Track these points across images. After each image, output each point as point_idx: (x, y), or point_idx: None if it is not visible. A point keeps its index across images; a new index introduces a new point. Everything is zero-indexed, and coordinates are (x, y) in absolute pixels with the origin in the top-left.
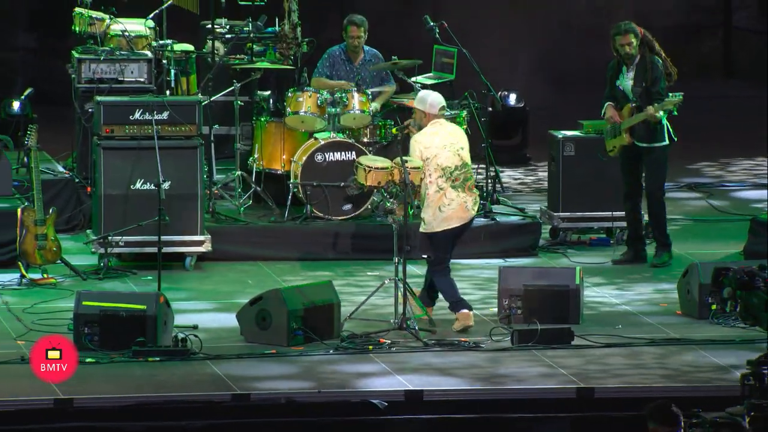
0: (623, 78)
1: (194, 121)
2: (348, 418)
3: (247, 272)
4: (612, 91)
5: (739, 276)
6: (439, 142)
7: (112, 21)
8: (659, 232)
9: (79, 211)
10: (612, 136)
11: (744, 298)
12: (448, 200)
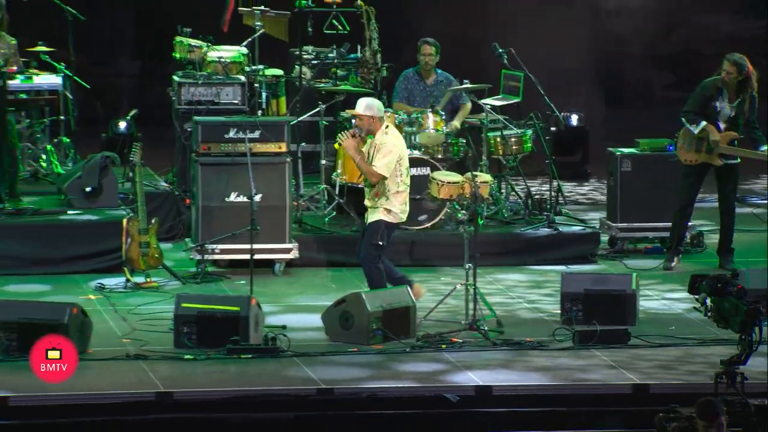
0: (722, 101)
1: (283, 139)
2: (423, 411)
3: (330, 277)
4: (704, 109)
5: (712, 283)
6: (402, 144)
7: (210, 48)
8: (730, 240)
9: (179, 221)
10: (699, 150)
11: (717, 303)
12: (406, 197)
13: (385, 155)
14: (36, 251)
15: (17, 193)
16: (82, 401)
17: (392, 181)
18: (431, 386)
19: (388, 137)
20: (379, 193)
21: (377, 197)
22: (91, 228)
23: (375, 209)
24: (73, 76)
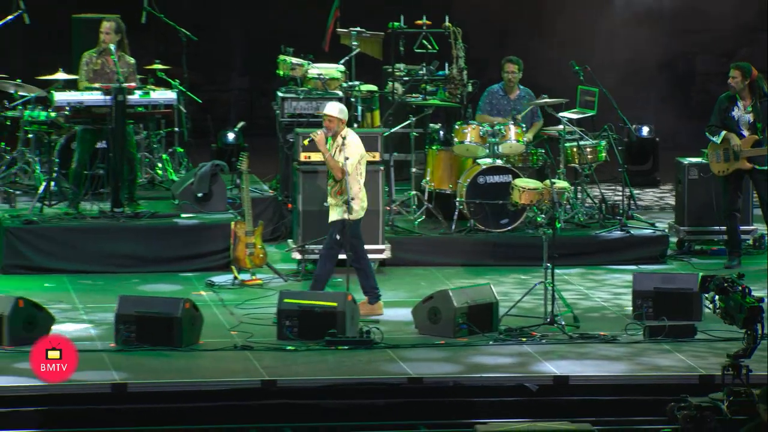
0: (737, 110)
1: (377, 149)
2: (505, 399)
3: (420, 275)
4: (723, 120)
5: (719, 283)
6: (362, 146)
7: (310, 66)
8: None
9: (282, 224)
10: (727, 159)
11: (724, 301)
12: (365, 195)
13: (349, 155)
14: (152, 251)
15: (136, 198)
16: (194, 388)
17: (354, 181)
18: (512, 376)
19: (351, 138)
20: (341, 192)
21: (339, 195)
22: (202, 230)
23: (337, 207)
24: (186, 91)
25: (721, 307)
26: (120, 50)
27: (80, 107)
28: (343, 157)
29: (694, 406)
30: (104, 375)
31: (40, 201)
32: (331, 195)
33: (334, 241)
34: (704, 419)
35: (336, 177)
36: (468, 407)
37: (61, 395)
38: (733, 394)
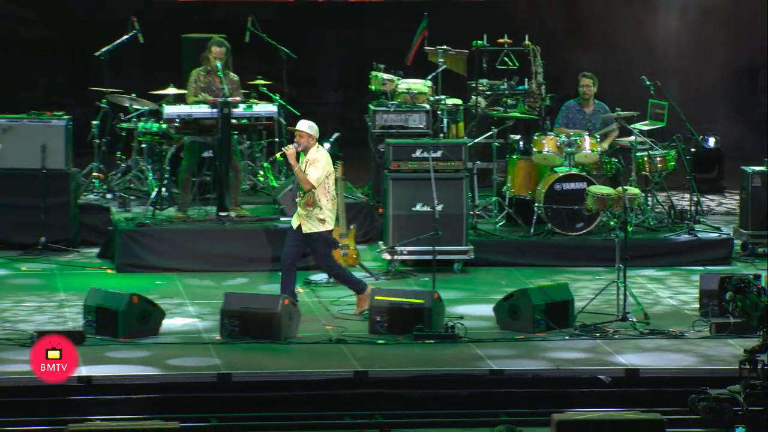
0: None
1: (461, 158)
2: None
3: (501, 275)
4: None
5: (736, 283)
6: (330, 162)
7: (400, 81)
8: None
9: (373, 227)
10: None
11: (740, 300)
12: (334, 205)
13: (317, 169)
14: (254, 251)
15: (239, 203)
16: (292, 378)
17: (324, 195)
18: (586, 368)
19: (320, 154)
20: (310, 203)
21: (310, 207)
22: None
23: (310, 219)
24: (286, 105)
25: (738, 306)
26: (225, 68)
27: (189, 119)
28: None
29: (713, 398)
30: (211, 365)
31: (152, 205)
32: (300, 206)
33: (327, 256)
34: (722, 410)
35: (305, 189)
36: (545, 397)
37: (171, 384)
38: (750, 387)
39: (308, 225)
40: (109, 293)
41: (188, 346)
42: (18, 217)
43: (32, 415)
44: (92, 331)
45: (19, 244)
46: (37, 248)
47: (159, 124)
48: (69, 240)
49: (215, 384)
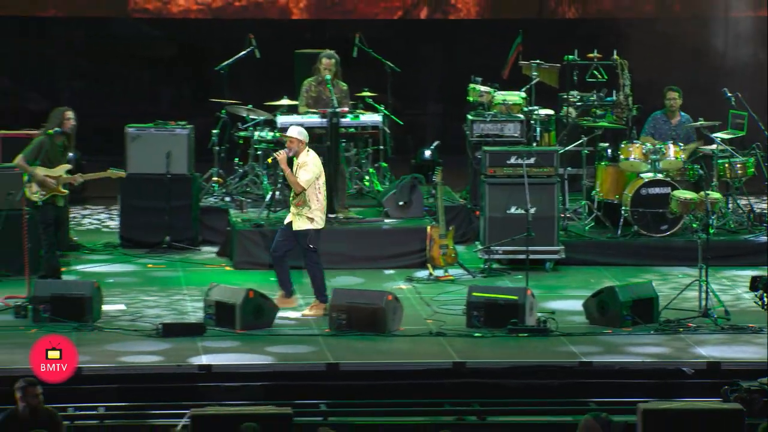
0: None
1: (553, 164)
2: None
3: (590, 273)
4: None
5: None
6: (320, 165)
7: (496, 93)
8: None
9: (470, 228)
10: None
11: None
12: (324, 207)
13: (307, 172)
14: (360, 251)
15: (346, 206)
16: (395, 368)
17: (313, 196)
18: (670, 361)
19: (310, 158)
20: (300, 203)
21: (300, 206)
22: (403, 233)
23: (300, 217)
24: (390, 115)
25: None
26: (335, 79)
27: None
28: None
29: (744, 389)
30: (320, 355)
31: (267, 208)
32: (292, 205)
33: (311, 250)
34: (753, 401)
35: (295, 191)
36: (632, 388)
37: (284, 372)
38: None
39: (298, 223)
40: (227, 288)
41: (300, 338)
42: (145, 218)
43: (158, 400)
44: (212, 323)
45: (145, 243)
46: (162, 247)
47: (273, 132)
48: (191, 239)
49: (324, 373)
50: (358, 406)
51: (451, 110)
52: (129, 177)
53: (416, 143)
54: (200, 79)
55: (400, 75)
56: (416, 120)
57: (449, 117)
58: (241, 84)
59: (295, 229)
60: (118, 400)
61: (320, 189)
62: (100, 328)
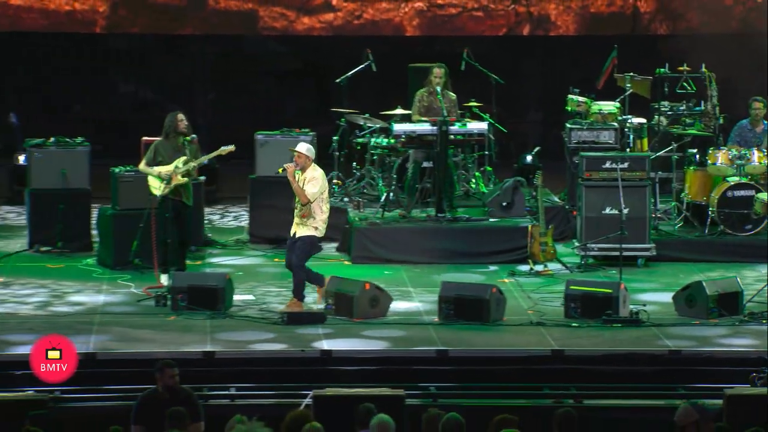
0: None
1: (645, 168)
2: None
3: (679, 269)
4: None
5: None
6: (325, 180)
7: (592, 103)
8: None
9: (568, 227)
10: None
11: None
12: (327, 217)
13: (313, 186)
14: (467, 247)
15: (454, 206)
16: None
17: (318, 208)
18: (755, 350)
19: (317, 173)
20: (305, 215)
21: (305, 218)
22: (506, 231)
23: (305, 226)
24: (495, 123)
25: None
26: (444, 89)
27: (413, 135)
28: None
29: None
30: (430, 342)
31: (382, 207)
32: (297, 216)
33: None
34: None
35: (302, 202)
36: (718, 374)
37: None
38: None
39: (302, 230)
40: (345, 280)
41: (411, 326)
42: (272, 217)
43: (283, 382)
44: (331, 312)
45: (272, 239)
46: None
47: (388, 139)
48: None
49: (434, 358)
50: (465, 389)
51: (550, 119)
52: (258, 179)
53: (518, 149)
54: (322, 91)
55: (504, 86)
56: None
57: (549, 125)
58: (358, 95)
59: (298, 235)
60: (246, 381)
61: (325, 202)
62: (231, 316)
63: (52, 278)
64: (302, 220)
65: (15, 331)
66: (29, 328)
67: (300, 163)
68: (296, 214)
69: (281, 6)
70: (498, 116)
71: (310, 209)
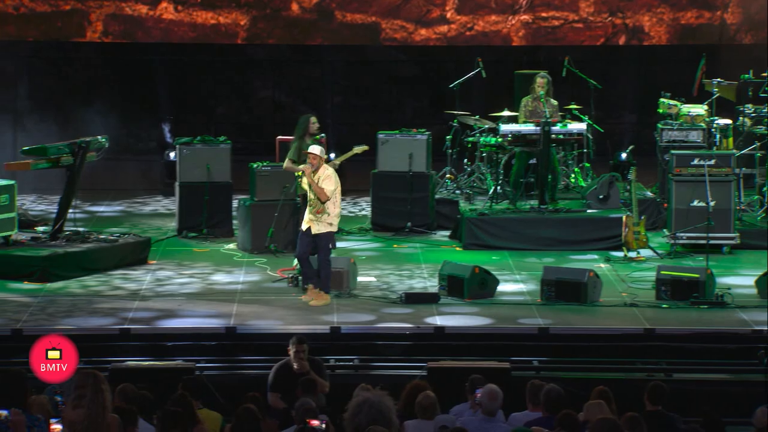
0: None
1: (730, 165)
2: None
3: (761, 256)
4: None
5: None
6: (337, 177)
7: (682, 106)
8: None
9: (659, 218)
10: None
11: None
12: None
13: (329, 183)
14: (567, 235)
15: (556, 199)
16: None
17: (331, 204)
18: None
19: (330, 172)
20: (320, 211)
21: (319, 214)
22: (602, 221)
23: (320, 223)
24: (592, 124)
25: None
26: (547, 95)
27: (518, 135)
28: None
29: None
30: (533, 321)
31: (490, 200)
32: (312, 213)
33: (329, 251)
34: None
35: (321, 199)
36: None
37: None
38: None
39: (317, 227)
40: (457, 265)
41: (516, 306)
42: (391, 207)
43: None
44: (444, 293)
45: (391, 227)
46: (405, 231)
47: (496, 138)
48: (428, 225)
49: (536, 335)
50: (565, 363)
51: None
52: (379, 173)
53: (614, 147)
54: (437, 95)
55: (601, 91)
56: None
57: (642, 125)
58: (469, 98)
59: (315, 232)
60: (368, 354)
61: (337, 198)
62: (355, 295)
63: (198, 261)
64: (317, 216)
65: (165, 307)
66: (177, 305)
67: (315, 164)
68: (309, 211)
69: (401, 19)
70: (596, 118)
71: (325, 206)
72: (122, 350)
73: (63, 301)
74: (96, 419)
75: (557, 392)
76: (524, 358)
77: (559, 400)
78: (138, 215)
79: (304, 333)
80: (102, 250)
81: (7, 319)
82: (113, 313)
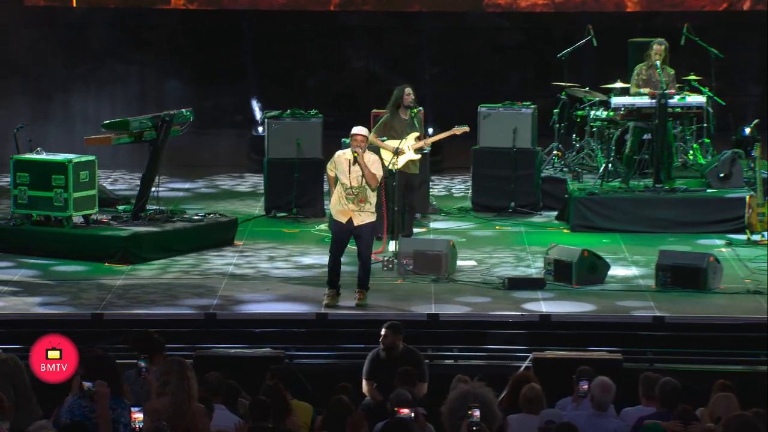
0: None
1: None
2: None
3: None
4: None
5: None
6: None
7: None
8: None
9: None
10: None
11: None
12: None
13: (378, 168)
14: (684, 217)
15: (672, 177)
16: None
17: (373, 192)
18: None
19: (374, 156)
20: (363, 200)
21: (362, 203)
22: (723, 201)
23: (362, 212)
24: (713, 96)
25: None
26: (663, 64)
27: (632, 108)
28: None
29: None
30: (647, 309)
31: (601, 178)
32: (353, 203)
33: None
34: None
35: (371, 186)
36: None
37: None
38: None
39: (362, 217)
40: (565, 248)
41: (628, 293)
42: (493, 185)
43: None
44: (551, 278)
45: (494, 207)
46: (508, 211)
47: (607, 112)
48: (533, 205)
49: (650, 324)
50: (681, 354)
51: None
52: (480, 149)
53: (737, 121)
54: (543, 65)
55: (723, 60)
56: (737, 100)
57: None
58: (579, 69)
59: (358, 224)
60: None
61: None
62: (454, 280)
63: (288, 242)
64: (360, 206)
65: (253, 291)
66: (266, 289)
67: (364, 147)
68: (350, 200)
69: None
70: (716, 89)
71: (367, 194)
72: (208, 336)
73: (145, 284)
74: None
75: (673, 386)
76: (637, 349)
77: (676, 394)
78: (224, 194)
79: (399, 319)
80: (186, 231)
81: (86, 303)
82: (198, 297)
